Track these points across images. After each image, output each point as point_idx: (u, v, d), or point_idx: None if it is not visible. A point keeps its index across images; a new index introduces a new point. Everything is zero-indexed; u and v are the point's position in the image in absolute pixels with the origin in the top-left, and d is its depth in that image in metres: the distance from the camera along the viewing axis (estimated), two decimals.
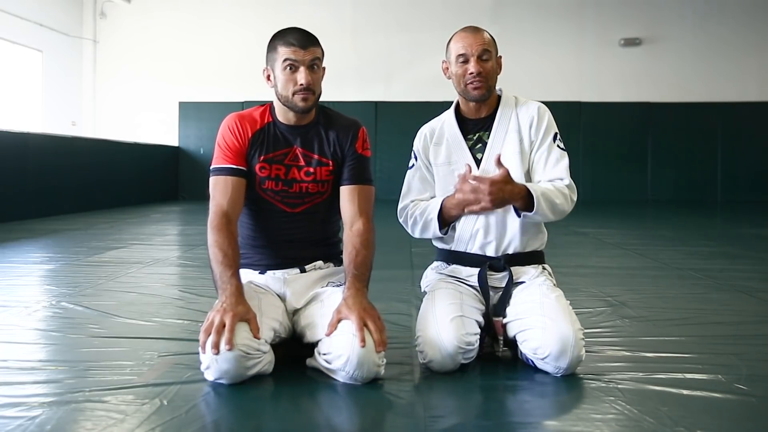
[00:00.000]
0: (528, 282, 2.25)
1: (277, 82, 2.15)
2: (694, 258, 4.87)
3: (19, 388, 1.95)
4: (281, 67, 2.12)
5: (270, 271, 2.23)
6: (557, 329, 2.03)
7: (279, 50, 2.12)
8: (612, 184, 12.72)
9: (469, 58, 2.25)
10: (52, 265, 4.43)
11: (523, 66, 12.09)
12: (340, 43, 12.43)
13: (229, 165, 2.17)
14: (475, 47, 2.25)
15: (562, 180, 2.23)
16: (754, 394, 1.94)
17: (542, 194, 2.14)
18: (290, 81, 2.11)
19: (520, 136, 2.29)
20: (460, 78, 2.28)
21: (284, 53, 2.11)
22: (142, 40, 13.08)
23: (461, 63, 2.27)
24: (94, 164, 9.74)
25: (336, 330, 1.97)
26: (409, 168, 2.43)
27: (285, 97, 2.15)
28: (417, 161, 2.39)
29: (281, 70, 2.12)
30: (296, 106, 2.14)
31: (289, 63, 2.10)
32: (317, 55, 2.14)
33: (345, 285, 2.07)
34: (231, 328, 1.86)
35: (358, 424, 1.80)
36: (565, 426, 1.74)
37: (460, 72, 2.27)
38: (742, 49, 12.64)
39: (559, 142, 2.29)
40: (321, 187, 2.22)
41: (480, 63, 2.24)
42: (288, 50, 2.10)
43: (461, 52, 2.26)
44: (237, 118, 2.21)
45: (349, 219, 2.19)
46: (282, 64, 2.11)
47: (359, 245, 2.12)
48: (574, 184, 2.24)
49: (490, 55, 2.27)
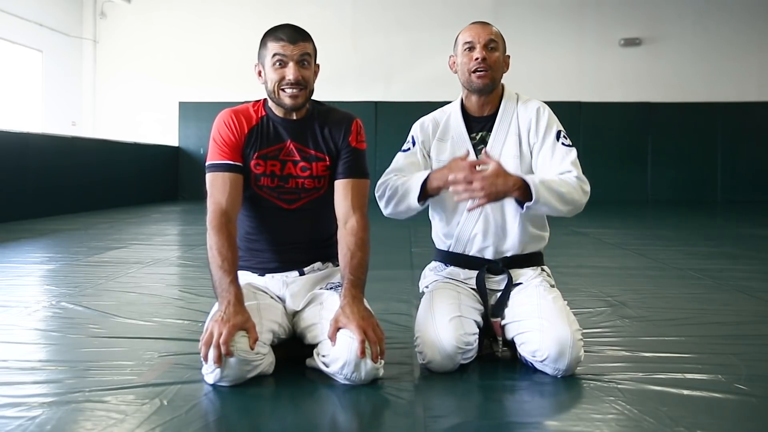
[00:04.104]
0: (525, 283, 2.24)
1: (267, 77, 2.12)
2: (694, 258, 4.87)
3: (19, 388, 1.95)
4: (270, 62, 2.09)
5: (269, 274, 2.22)
6: (555, 331, 2.02)
7: (268, 45, 2.10)
8: (612, 184, 12.70)
9: (476, 45, 2.23)
10: (52, 265, 4.43)
11: (523, 66, 12.06)
12: (340, 43, 12.43)
13: (226, 161, 2.13)
14: (483, 35, 2.23)
15: (570, 172, 2.18)
16: (754, 394, 1.94)
17: (541, 182, 2.07)
18: (278, 76, 2.09)
19: (519, 139, 2.26)
20: (465, 66, 2.25)
21: (273, 48, 2.08)
22: (142, 39, 13.07)
23: (467, 51, 2.25)
24: (94, 164, 9.73)
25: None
26: (402, 150, 2.35)
27: (273, 93, 2.12)
28: (414, 147, 2.33)
29: (270, 65, 2.10)
30: (284, 103, 2.11)
31: (278, 58, 2.08)
32: (307, 51, 2.10)
33: (341, 291, 2.04)
34: (227, 339, 1.86)
35: (358, 424, 1.80)
36: (565, 426, 1.74)
37: (465, 60, 2.25)
38: (743, 48, 12.64)
39: (564, 139, 2.24)
40: (317, 182, 2.19)
41: (486, 51, 2.22)
42: (277, 45, 2.08)
43: (468, 40, 2.25)
44: (232, 113, 2.18)
45: (343, 214, 2.15)
46: (271, 60, 2.09)
47: (354, 246, 2.09)
48: (584, 176, 2.19)
49: (497, 46, 2.25)
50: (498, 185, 2.01)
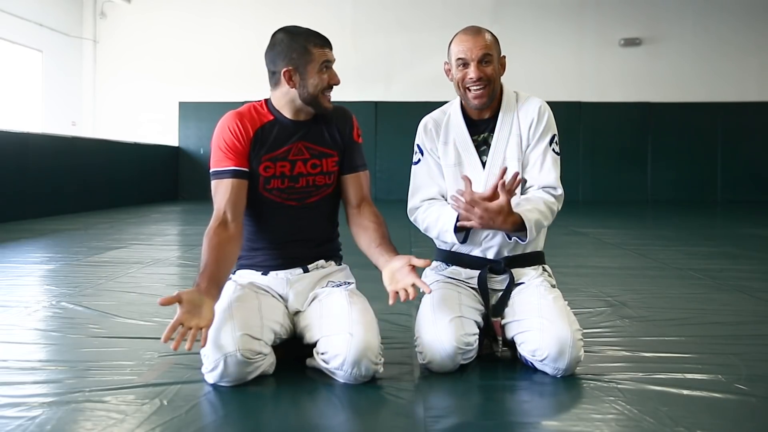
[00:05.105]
0: (527, 283, 2.24)
1: (308, 82, 2.12)
2: (694, 258, 4.87)
3: (19, 388, 1.95)
4: (318, 68, 2.12)
5: (273, 271, 2.21)
6: (555, 331, 2.02)
7: (314, 52, 2.12)
8: (612, 184, 12.71)
9: (469, 62, 2.19)
10: (52, 265, 4.43)
11: (523, 66, 12.08)
12: (340, 43, 12.35)
13: (232, 167, 2.13)
14: (475, 51, 2.18)
15: (554, 189, 2.21)
16: (754, 394, 1.94)
17: (535, 223, 2.10)
18: (324, 80, 2.13)
19: (520, 139, 2.26)
20: (459, 82, 2.23)
21: (321, 55, 2.12)
22: (142, 40, 13.08)
23: (461, 67, 2.22)
24: (94, 164, 9.73)
25: (331, 330, 1.98)
26: (414, 164, 2.36)
27: (313, 97, 2.14)
28: (423, 155, 2.33)
29: (317, 71, 2.12)
30: (322, 106, 2.16)
31: (326, 63, 2.14)
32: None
33: (384, 257, 2.11)
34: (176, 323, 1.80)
35: (358, 424, 1.80)
36: (565, 426, 1.74)
37: (459, 76, 2.22)
38: (742, 49, 12.64)
39: (555, 146, 2.25)
40: (328, 179, 2.22)
41: (480, 68, 2.18)
42: (322, 51, 2.13)
43: (461, 56, 2.20)
44: (237, 117, 2.16)
45: (356, 204, 2.26)
46: (320, 65, 2.12)
47: (376, 222, 2.21)
48: (563, 193, 2.23)
49: (492, 59, 2.21)
50: (496, 222, 2.05)
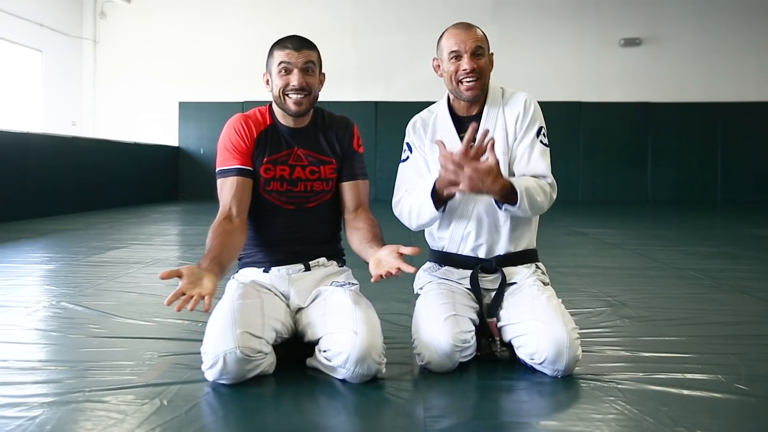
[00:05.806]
0: (519, 283, 2.24)
1: (273, 84, 2.21)
2: (694, 258, 4.87)
3: (19, 388, 1.95)
4: (276, 70, 2.18)
5: (274, 268, 2.24)
6: (551, 333, 2.02)
7: (275, 54, 2.20)
8: (612, 184, 12.71)
9: (462, 54, 2.19)
10: (52, 265, 4.43)
11: (523, 66, 12.09)
12: (340, 43, 12.43)
13: (238, 166, 2.20)
14: (468, 43, 2.19)
15: (545, 177, 2.19)
16: (754, 394, 1.94)
17: (526, 190, 2.08)
18: (284, 82, 2.17)
19: (506, 133, 2.25)
20: (452, 75, 2.22)
21: (279, 56, 2.18)
22: (142, 40, 13.07)
23: (453, 60, 2.21)
24: (94, 164, 9.73)
25: (335, 328, 1.99)
26: (402, 161, 2.36)
27: (279, 100, 2.20)
28: (411, 152, 2.33)
29: (276, 73, 2.18)
30: (288, 108, 2.19)
31: (284, 66, 2.16)
32: (311, 59, 2.18)
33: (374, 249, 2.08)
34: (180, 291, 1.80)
35: (358, 424, 1.80)
36: (565, 426, 1.74)
37: (452, 69, 2.21)
38: (742, 49, 12.64)
39: (543, 137, 2.24)
40: (326, 185, 2.27)
41: (473, 60, 2.19)
42: (282, 53, 2.17)
43: (454, 49, 2.20)
44: (242, 119, 2.25)
45: (352, 210, 2.28)
46: (277, 68, 2.18)
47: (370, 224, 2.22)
48: (555, 182, 2.21)
49: (484, 52, 2.22)
50: (485, 183, 1.99)
